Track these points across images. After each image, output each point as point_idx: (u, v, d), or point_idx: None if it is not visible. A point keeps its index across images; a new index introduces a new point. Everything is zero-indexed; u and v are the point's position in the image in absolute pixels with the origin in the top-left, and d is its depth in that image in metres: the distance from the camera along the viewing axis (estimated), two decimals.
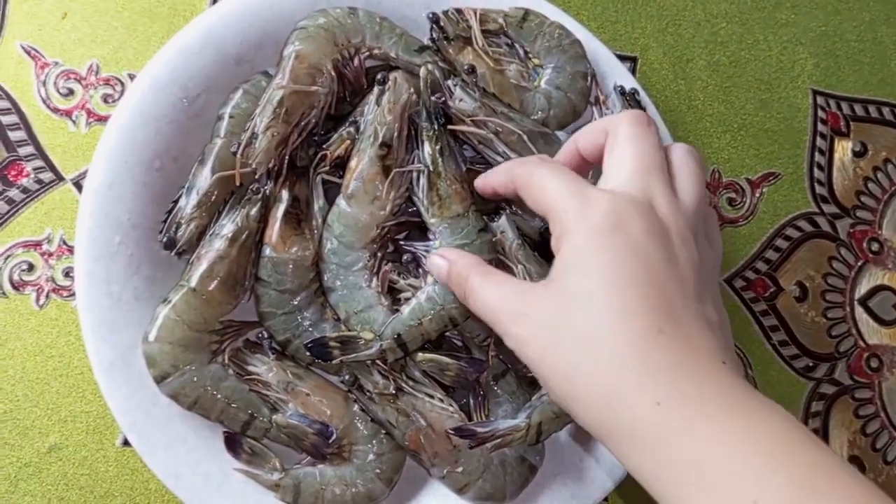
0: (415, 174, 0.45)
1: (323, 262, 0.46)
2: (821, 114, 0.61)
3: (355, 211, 0.45)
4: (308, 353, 0.44)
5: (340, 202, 0.45)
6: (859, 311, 0.59)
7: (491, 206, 0.47)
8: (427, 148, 0.45)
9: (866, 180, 0.61)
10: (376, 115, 0.45)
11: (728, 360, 0.33)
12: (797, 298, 0.59)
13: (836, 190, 0.60)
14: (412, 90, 0.46)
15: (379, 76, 0.46)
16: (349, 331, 0.45)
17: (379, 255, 0.46)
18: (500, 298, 0.37)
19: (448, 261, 0.42)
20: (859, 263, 0.60)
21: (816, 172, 0.60)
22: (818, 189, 0.60)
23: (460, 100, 0.46)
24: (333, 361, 0.44)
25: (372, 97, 0.46)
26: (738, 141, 0.60)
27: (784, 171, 0.60)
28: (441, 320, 0.44)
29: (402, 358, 0.45)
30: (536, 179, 0.38)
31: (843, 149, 0.61)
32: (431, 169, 0.45)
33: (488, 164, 0.48)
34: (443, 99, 0.46)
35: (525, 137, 0.47)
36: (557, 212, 0.36)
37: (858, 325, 0.59)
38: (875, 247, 0.60)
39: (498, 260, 0.45)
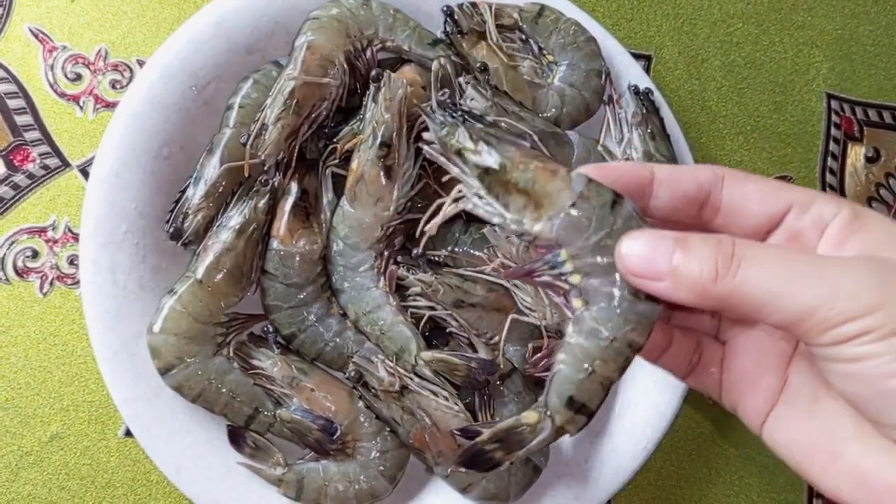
0: (467, 186, 0.30)
1: (330, 264, 0.46)
2: (834, 118, 0.60)
3: (359, 213, 0.45)
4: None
5: (344, 204, 0.45)
6: None
7: None
8: (470, 155, 0.30)
9: (878, 186, 0.60)
10: (373, 113, 0.44)
11: None
12: None
13: (847, 195, 0.60)
14: (408, 85, 0.44)
15: (373, 73, 0.45)
16: (360, 332, 0.44)
17: (385, 254, 0.45)
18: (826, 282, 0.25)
19: (673, 240, 0.27)
20: None
21: (828, 177, 0.60)
22: (830, 194, 0.60)
23: (471, 99, 0.46)
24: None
25: (368, 96, 0.45)
26: (751, 143, 0.59)
27: (796, 174, 0.59)
28: (619, 354, 0.29)
29: (589, 421, 0.30)
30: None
31: (856, 154, 0.61)
32: (488, 171, 0.29)
33: None
34: (452, 98, 0.45)
35: (536, 138, 0.46)
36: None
37: None
38: None
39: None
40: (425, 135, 0.31)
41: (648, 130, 0.49)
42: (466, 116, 0.31)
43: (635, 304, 0.28)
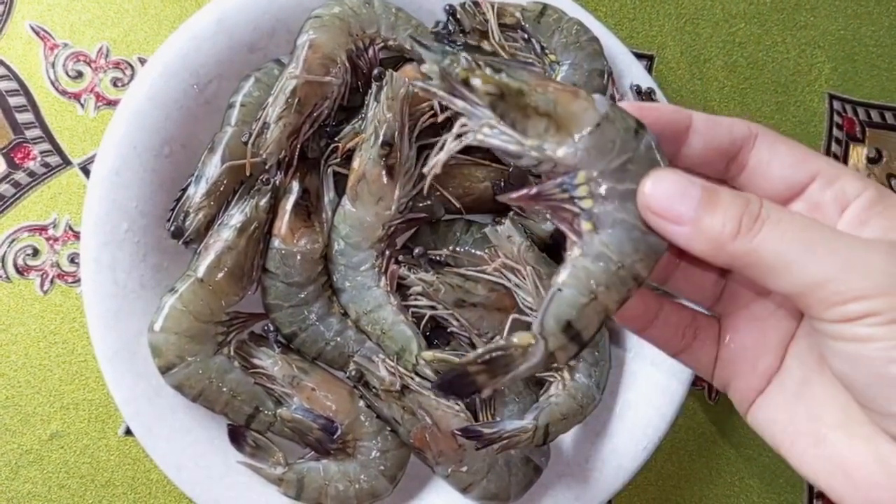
0: (474, 130, 0.27)
1: (331, 264, 0.46)
2: (836, 118, 0.60)
3: (360, 212, 0.45)
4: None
5: (346, 203, 0.45)
6: None
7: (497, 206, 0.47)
8: (477, 82, 0.27)
9: None
10: (375, 112, 0.44)
11: None
12: None
13: None
14: (411, 83, 0.44)
15: (375, 72, 0.45)
16: (361, 332, 0.44)
17: (387, 253, 0.45)
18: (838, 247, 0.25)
19: (703, 189, 0.26)
20: None
21: None
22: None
23: None
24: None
25: (370, 95, 0.45)
26: None
27: None
28: (623, 283, 0.28)
29: (579, 353, 0.30)
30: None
31: (858, 155, 0.60)
32: (508, 96, 0.27)
33: (500, 163, 0.47)
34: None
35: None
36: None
37: None
38: None
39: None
40: (423, 67, 0.27)
41: None
42: (468, 44, 0.28)
43: (647, 236, 0.27)
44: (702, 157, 0.29)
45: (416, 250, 0.46)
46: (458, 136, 0.27)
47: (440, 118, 0.40)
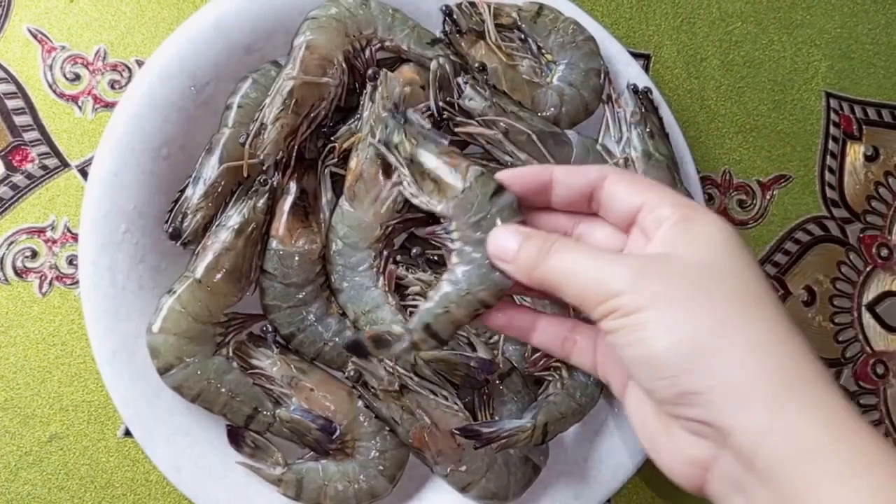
0: (401, 175, 0.40)
1: (329, 264, 0.46)
2: (833, 117, 0.60)
3: (358, 212, 0.45)
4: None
5: (343, 203, 0.45)
6: (867, 317, 0.59)
7: None
8: (397, 141, 0.40)
9: (877, 185, 0.60)
10: (371, 112, 0.44)
11: None
12: (805, 303, 0.58)
13: (846, 194, 0.60)
14: (406, 84, 0.44)
15: (370, 72, 0.45)
16: (359, 332, 0.44)
17: (385, 254, 0.45)
18: (602, 263, 0.32)
19: (521, 235, 0.35)
20: (868, 269, 0.60)
21: (828, 176, 0.60)
22: (829, 193, 0.60)
23: (470, 98, 0.46)
24: (370, 360, 0.43)
25: (365, 95, 0.45)
26: (751, 142, 0.59)
27: (795, 173, 0.59)
28: (470, 305, 0.38)
29: (439, 348, 0.41)
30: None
31: (856, 153, 0.61)
32: (411, 161, 0.39)
33: (497, 163, 0.48)
34: (450, 98, 0.45)
35: (535, 137, 0.46)
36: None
37: (865, 331, 0.59)
38: (884, 252, 0.60)
39: None
40: (380, 134, 0.41)
41: (647, 129, 0.49)
42: (406, 119, 0.40)
43: (491, 273, 0.36)
44: (567, 201, 0.36)
45: (414, 250, 0.46)
46: (395, 184, 0.43)
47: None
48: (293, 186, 0.46)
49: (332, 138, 0.47)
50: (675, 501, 0.54)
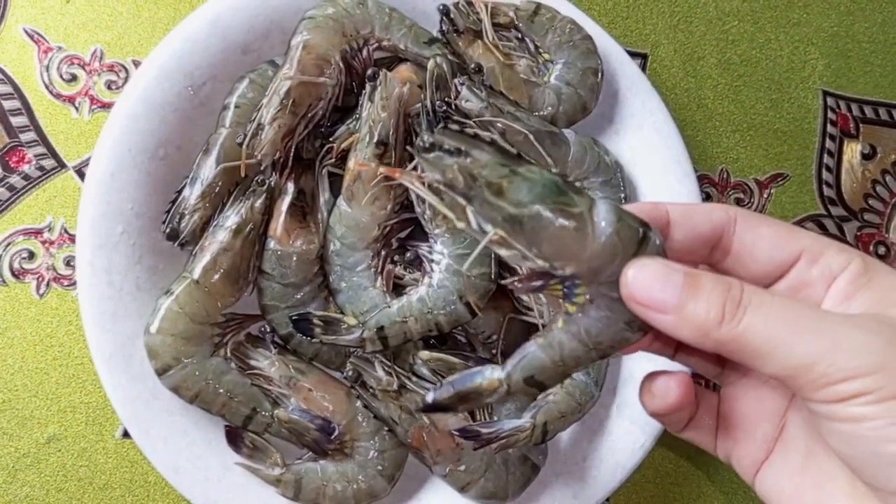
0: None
1: (327, 264, 0.46)
2: (830, 115, 0.60)
3: (356, 212, 0.45)
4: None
5: (341, 204, 0.45)
6: None
7: None
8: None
9: (874, 183, 0.60)
10: (370, 112, 0.44)
11: None
12: None
13: (844, 192, 0.60)
14: (405, 84, 0.45)
15: (369, 72, 0.45)
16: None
17: (383, 254, 0.45)
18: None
19: (687, 278, 0.26)
20: None
21: (825, 174, 0.60)
22: (826, 191, 0.60)
23: (466, 100, 0.45)
24: (313, 340, 0.43)
25: (364, 95, 0.45)
26: (748, 141, 0.59)
27: (793, 172, 0.59)
28: (426, 324, 0.43)
29: (380, 352, 0.44)
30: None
31: (852, 151, 0.61)
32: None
33: None
34: (447, 99, 0.45)
35: (532, 137, 0.46)
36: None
37: None
38: (882, 250, 0.60)
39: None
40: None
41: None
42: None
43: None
44: (684, 247, 0.29)
45: (408, 255, 0.46)
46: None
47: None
48: (291, 187, 0.46)
49: (329, 138, 0.47)
50: (697, 463, 0.55)
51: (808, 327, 0.25)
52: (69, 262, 0.50)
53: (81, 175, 0.51)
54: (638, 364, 0.50)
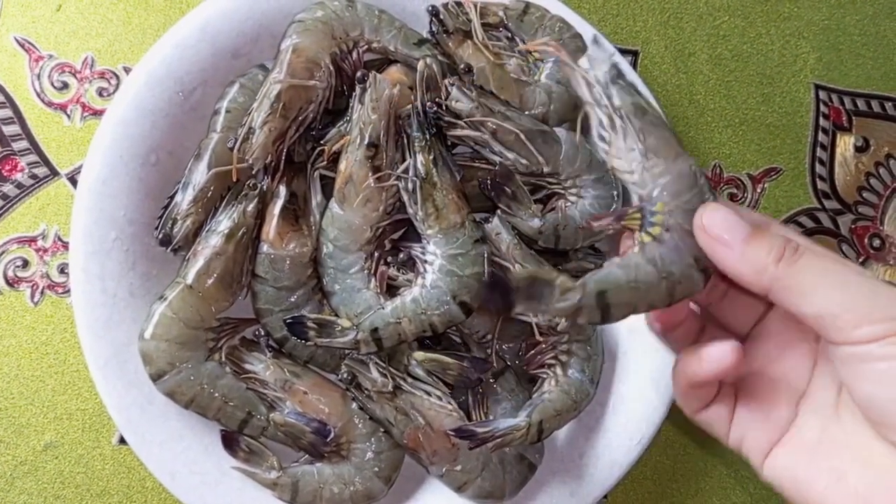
0: (409, 184, 0.44)
1: (321, 267, 0.46)
2: (823, 108, 0.60)
3: (348, 214, 0.45)
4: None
5: (333, 206, 0.45)
6: None
7: (486, 204, 0.47)
8: (420, 158, 0.44)
9: (868, 176, 0.60)
10: (360, 114, 0.44)
11: None
12: None
13: (837, 185, 0.60)
14: (395, 86, 0.45)
15: (359, 74, 0.45)
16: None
17: (376, 255, 0.45)
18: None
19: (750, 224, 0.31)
20: (861, 260, 0.60)
21: (818, 168, 0.60)
22: (820, 185, 0.60)
23: (456, 100, 0.46)
24: (307, 343, 0.44)
25: (354, 97, 0.45)
26: (740, 136, 0.59)
27: (786, 166, 0.59)
28: (420, 324, 0.43)
29: (374, 354, 0.44)
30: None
31: (845, 144, 0.61)
32: (425, 179, 0.43)
33: (487, 162, 0.48)
34: (438, 99, 0.45)
35: (523, 136, 0.46)
36: None
37: None
38: (876, 243, 0.60)
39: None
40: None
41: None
42: (435, 139, 0.45)
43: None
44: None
45: (401, 255, 0.46)
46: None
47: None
48: (283, 190, 0.46)
49: (320, 141, 0.47)
50: (708, 447, 0.56)
51: (852, 279, 0.28)
52: (63, 270, 0.50)
53: (74, 182, 0.51)
54: (633, 361, 0.50)
